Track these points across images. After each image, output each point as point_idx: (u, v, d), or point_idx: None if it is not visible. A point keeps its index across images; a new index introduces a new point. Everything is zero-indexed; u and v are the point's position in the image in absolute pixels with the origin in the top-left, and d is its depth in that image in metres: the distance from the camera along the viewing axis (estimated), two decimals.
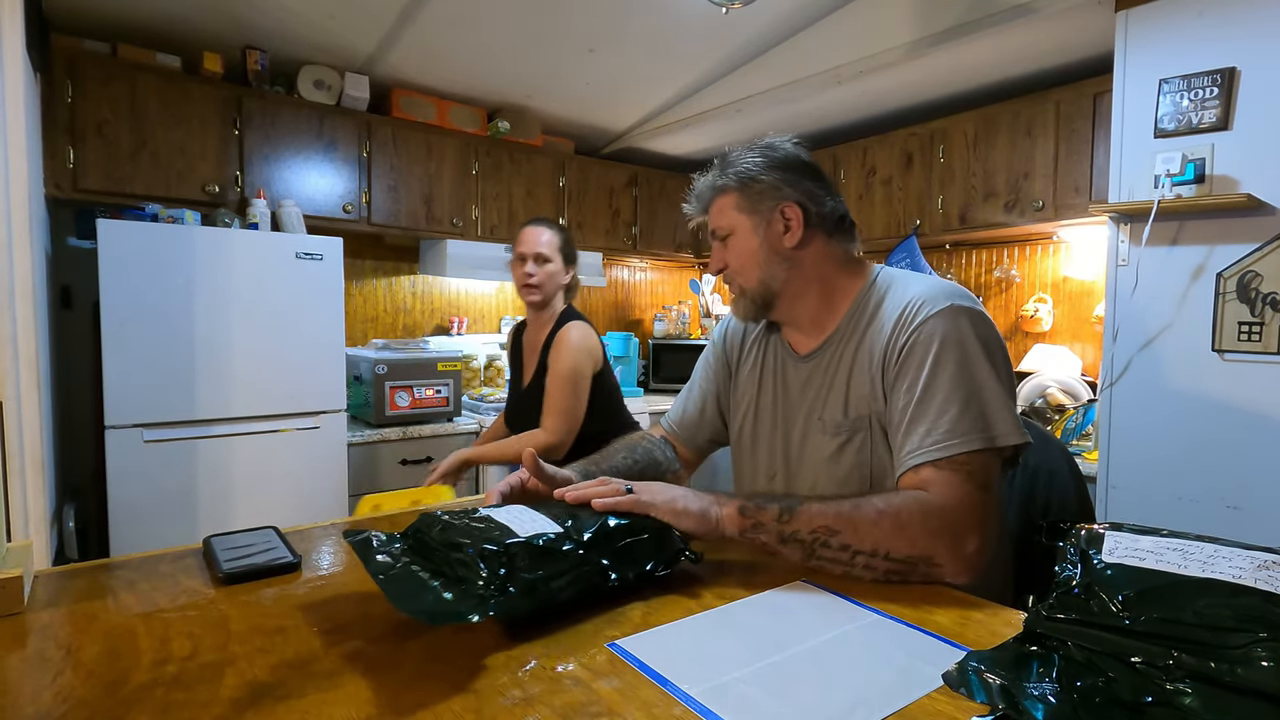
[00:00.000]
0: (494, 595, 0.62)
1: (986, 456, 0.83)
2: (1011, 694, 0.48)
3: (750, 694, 0.54)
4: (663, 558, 0.76)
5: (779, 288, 1.00)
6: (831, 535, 0.78)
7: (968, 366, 0.86)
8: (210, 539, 0.86)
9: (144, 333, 2.23)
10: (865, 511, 0.78)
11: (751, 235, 1.00)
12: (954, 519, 0.79)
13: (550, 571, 0.67)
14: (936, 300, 0.91)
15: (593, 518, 0.75)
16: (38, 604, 0.70)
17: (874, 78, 2.73)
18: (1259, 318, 1.81)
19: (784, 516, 0.79)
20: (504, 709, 0.52)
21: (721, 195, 1.03)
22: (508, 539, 0.67)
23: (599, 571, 0.70)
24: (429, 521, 0.73)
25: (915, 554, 0.77)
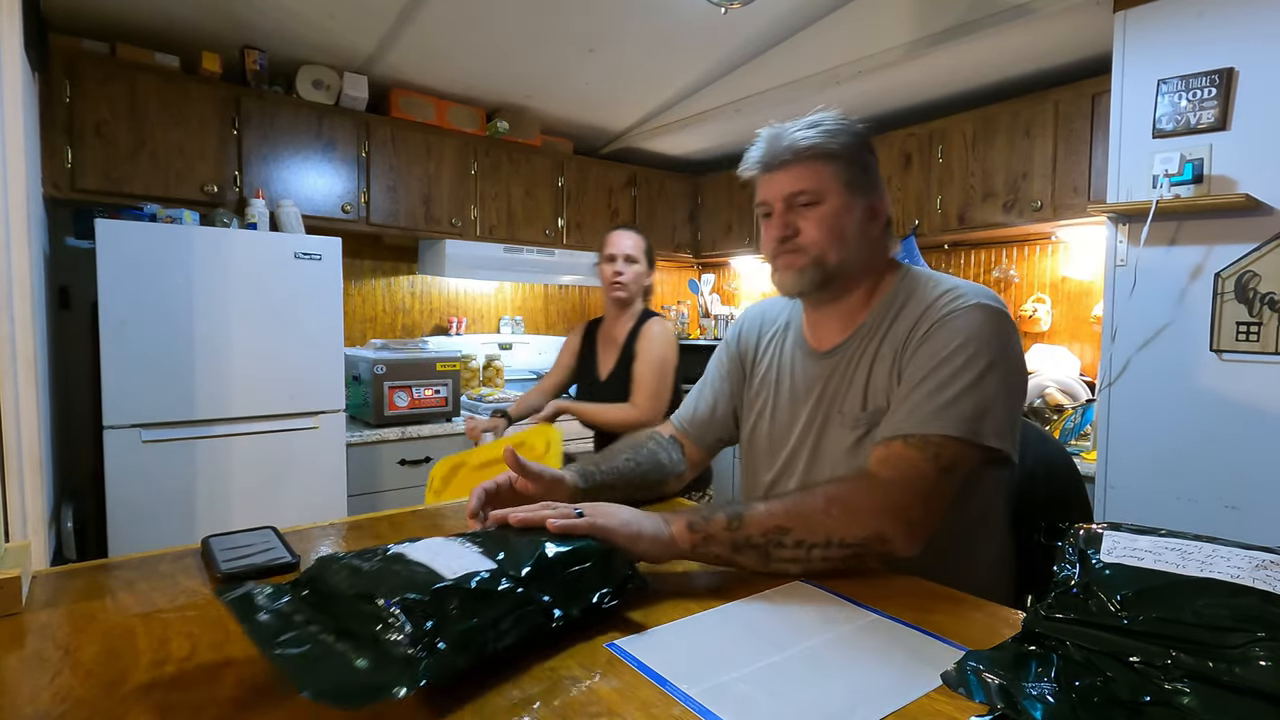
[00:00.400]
0: (422, 656, 0.51)
1: (963, 447, 0.83)
2: (1010, 694, 0.48)
3: (749, 694, 0.54)
4: (610, 586, 0.67)
5: (847, 271, 0.98)
6: (784, 534, 0.76)
7: (977, 362, 0.85)
8: (209, 539, 0.86)
9: (142, 333, 2.22)
10: (814, 502, 0.78)
11: (849, 211, 0.96)
12: (900, 493, 0.79)
13: (486, 618, 0.56)
14: (964, 297, 0.91)
15: (529, 547, 0.65)
16: (36, 604, 0.70)
17: (873, 78, 2.73)
18: (1257, 318, 1.81)
19: (733, 524, 0.77)
20: (503, 709, 0.52)
21: (820, 160, 0.95)
22: (435, 583, 0.57)
23: (542, 611, 0.61)
24: (329, 565, 0.61)
25: (866, 534, 0.77)
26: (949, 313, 0.90)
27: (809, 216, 0.96)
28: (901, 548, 0.78)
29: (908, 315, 0.94)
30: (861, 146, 0.98)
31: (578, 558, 0.66)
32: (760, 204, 1.01)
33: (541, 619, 0.61)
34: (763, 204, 1.00)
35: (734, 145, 3.75)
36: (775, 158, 0.98)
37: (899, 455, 0.83)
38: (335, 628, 0.55)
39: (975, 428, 0.83)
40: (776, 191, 0.98)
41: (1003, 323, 0.89)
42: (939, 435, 0.82)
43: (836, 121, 0.98)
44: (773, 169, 0.98)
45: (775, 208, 0.98)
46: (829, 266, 0.96)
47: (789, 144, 0.96)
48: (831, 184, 0.96)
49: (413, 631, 0.52)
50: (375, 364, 2.74)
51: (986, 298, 0.91)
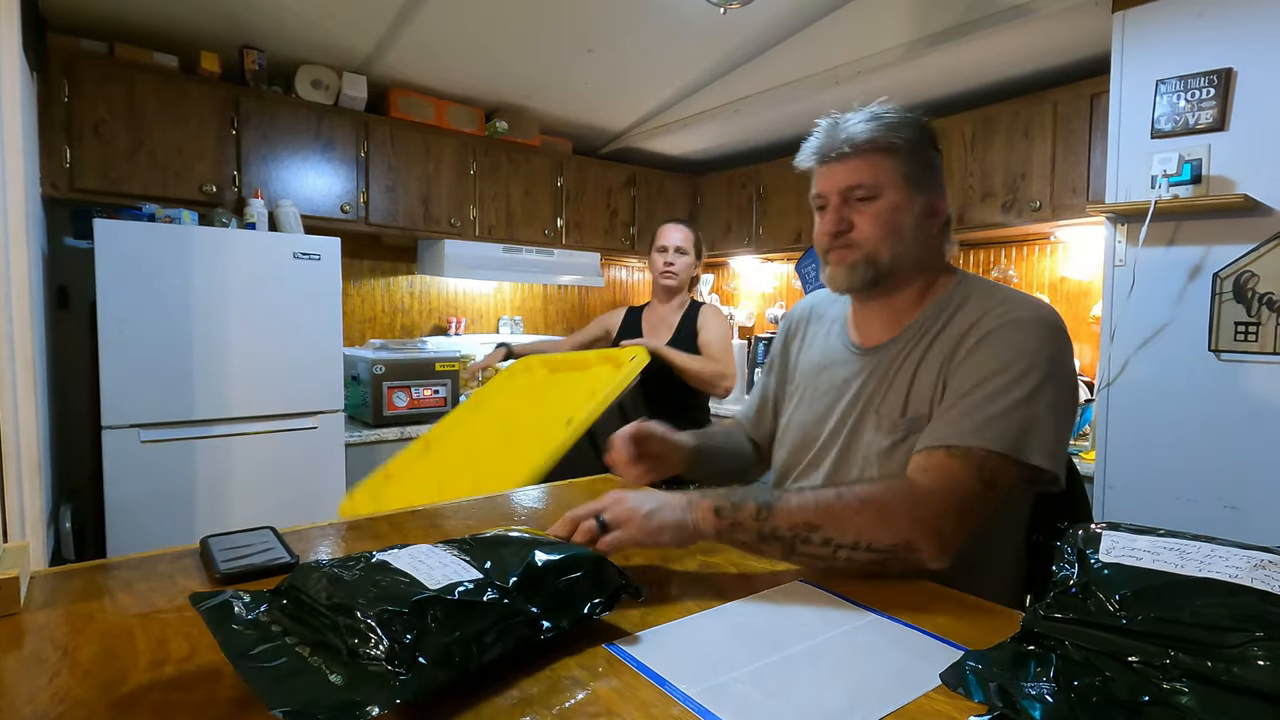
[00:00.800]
0: (399, 672, 0.49)
1: (1006, 463, 0.80)
2: (1009, 693, 0.48)
3: (748, 694, 0.54)
4: (602, 596, 0.64)
5: (901, 270, 0.95)
6: (812, 530, 0.75)
7: (1029, 378, 0.82)
8: (207, 539, 0.86)
9: (141, 333, 2.22)
10: (848, 501, 0.76)
11: (906, 208, 0.93)
12: (938, 504, 0.77)
13: (469, 631, 0.54)
14: (1021, 308, 0.88)
15: (515, 555, 0.64)
16: (34, 605, 0.70)
17: (872, 78, 2.73)
18: (1255, 318, 1.81)
19: (761, 514, 0.76)
20: (502, 709, 0.52)
21: (879, 154, 0.92)
22: (415, 594, 0.55)
23: (528, 623, 0.58)
24: (309, 574, 0.59)
25: (896, 541, 0.75)
26: (1003, 324, 0.87)
27: (864, 212, 0.93)
28: (930, 559, 0.76)
29: (960, 322, 0.91)
30: (924, 141, 0.95)
31: (568, 566, 0.64)
32: (816, 196, 0.98)
33: (529, 631, 0.58)
34: (818, 196, 0.97)
35: (734, 145, 3.74)
36: (833, 149, 0.94)
37: (941, 465, 0.80)
38: (312, 640, 0.53)
39: (1020, 445, 0.80)
40: (833, 184, 0.95)
41: (1059, 339, 0.86)
42: (983, 449, 0.80)
43: (899, 114, 0.94)
44: (830, 161, 0.95)
45: (830, 201, 0.95)
46: (881, 264, 0.94)
47: (847, 136, 0.93)
48: (890, 178, 0.92)
49: (389, 646, 0.50)
50: (374, 364, 2.74)
51: (1044, 311, 0.88)
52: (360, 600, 0.54)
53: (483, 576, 0.59)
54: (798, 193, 3.53)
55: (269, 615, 0.56)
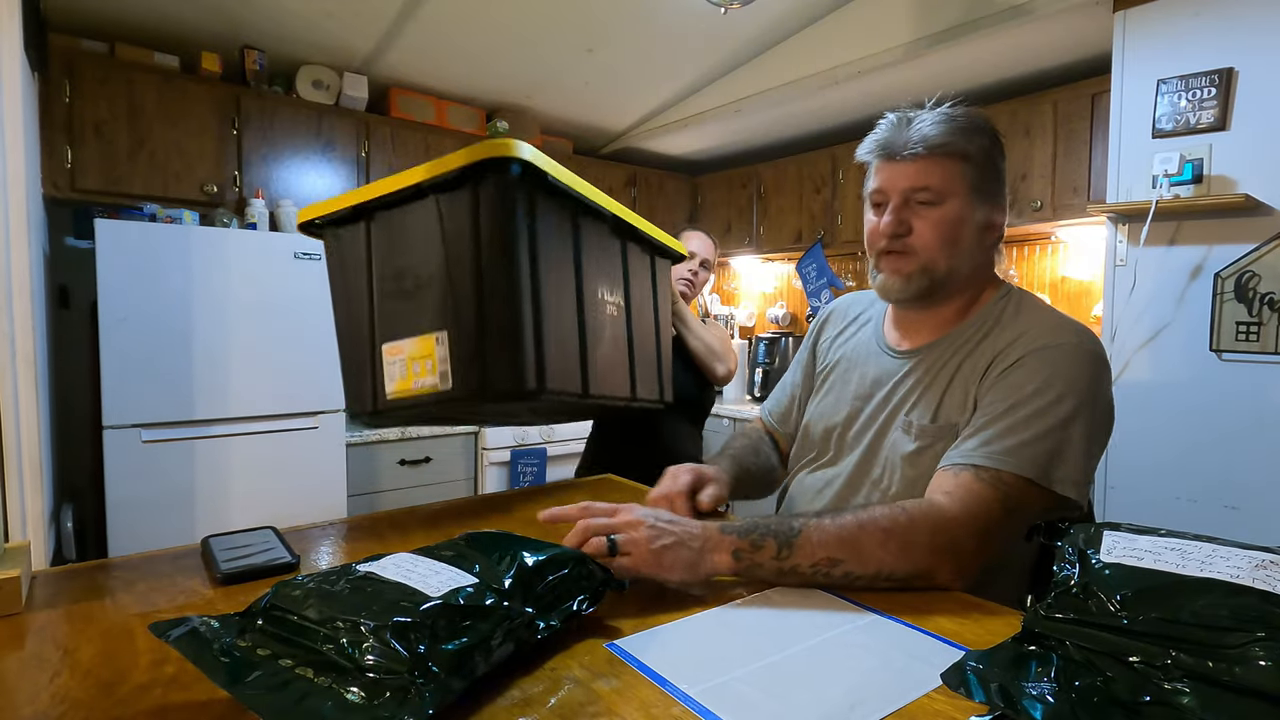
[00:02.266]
0: (421, 682, 0.48)
1: (1032, 490, 0.78)
2: (1010, 693, 0.48)
3: (749, 694, 0.54)
4: (588, 592, 0.64)
5: (954, 282, 0.92)
6: (834, 565, 0.73)
7: (1063, 405, 0.80)
8: (208, 539, 0.86)
9: (142, 333, 2.22)
10: (870, 533, 0.74)
11: (968, 219, 0.90)
12: (961, 532, 0.75)
13: (476, 636, 0.53)
14: (1066, 334, 0.85)
15: (504, 557, 0.63)
16: (35, 604, 0.70)
17: (872, 78, 2.73)
18: (1257, 317, 1.81)
19: (782, 553, 0.73)
20: (502, 708, 0.51)
21: (952, 158, 0.88)
22: (422, 603, 0.53)
23: (526, 624, 0.57)
24: (289, 592, 0.56)
25: (916, 570, 0.74)
26: (1044, 347, 0.84)
27: (926, 216, 0.89)
28: (946, 582, 0.75)
29: (999, 337, 0.89)
30: (996, 151, 0.92)
31: (554, 564, 0.64)
32: (875, 192, 0.93)
33: (526, 632, 0.57)
34: (878, 192, 0.93)
35: (734, 145, 3.74)
36: (902, 147, 0.90)
37: (967, 488, 0.78)
38: (310, 660, 0.50)
39: (1048, 472, 0.78)
40: (896, 183, 0.90)
41: (1098, 368, 0.84)
42: (1011, 474, 0.78)
43: (972, 119, 0.90)
44: (896, 158, 0.90)
45: (891, 200, 0.91)
46: (937, 275, 0.90)
47: (921, 135, 0.88)
48: (958, 186, 0.89)
49: (408, 657, 0.49)
50: None
51: (1086, 339, 0.86)
52: (364, 614, 0.52)
53: (479, 581, 0.58)
54: (798, 193, 3.53)
55: (249, 639, 0.53)
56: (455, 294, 0.94)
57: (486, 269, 0.92)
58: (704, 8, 2.22)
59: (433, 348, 0.97)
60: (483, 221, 0.93)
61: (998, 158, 0.93)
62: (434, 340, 0.97)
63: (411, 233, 0.98)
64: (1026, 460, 0.78)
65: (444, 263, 0.96)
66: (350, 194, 1.03)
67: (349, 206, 1.02)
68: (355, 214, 1.02)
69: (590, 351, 1.06)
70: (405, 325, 0.99)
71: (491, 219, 0.93)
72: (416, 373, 0.99)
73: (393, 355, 1.01)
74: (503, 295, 0.92)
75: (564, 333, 1.01)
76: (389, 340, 1.01)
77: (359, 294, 1.04)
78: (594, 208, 1.08)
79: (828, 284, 3.51)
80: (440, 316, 0.96)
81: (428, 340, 0.97)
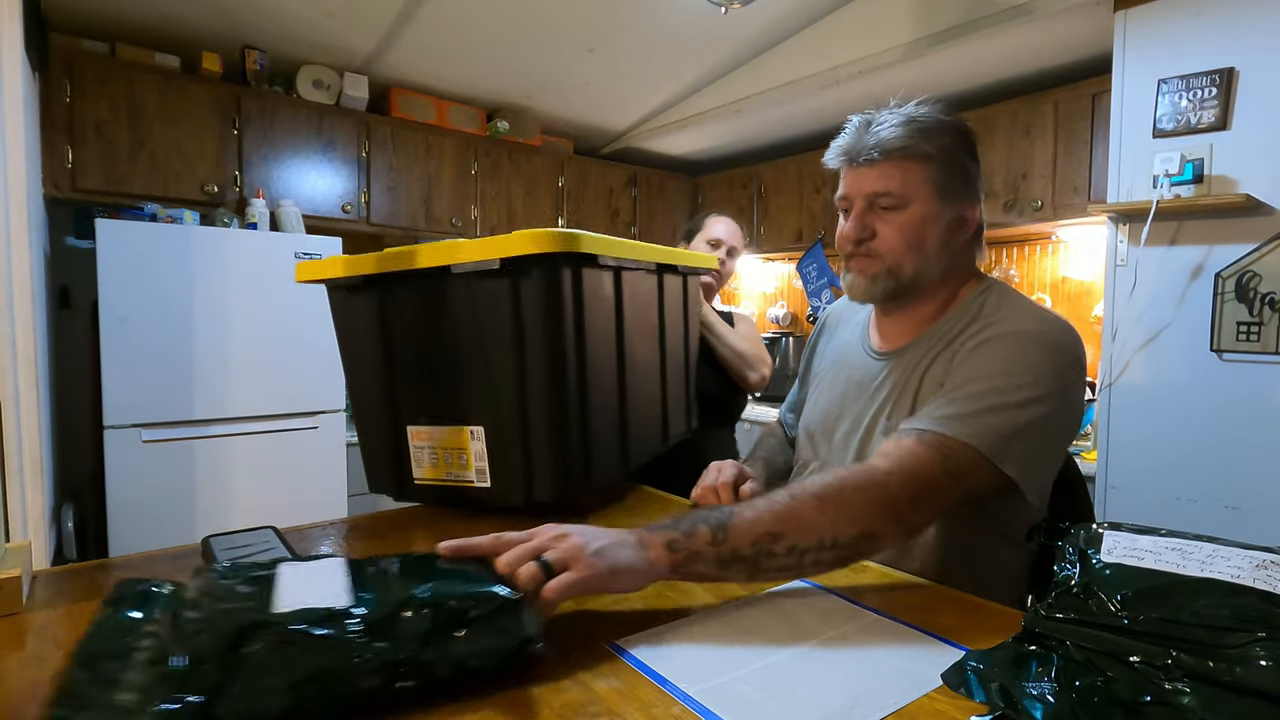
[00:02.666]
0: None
1: (977, 461, 0.76)
2: (1010, 693, 0.48)
3: (749, 694, 0.53)
4: (501, 647, 0.53)
5: (924, 282, 0.91)
6: (775, 540, 0.68)
7: (1025, 390, 0.79)
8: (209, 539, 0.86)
9: (142, 333, 2.22)
10: (804, 501, 0.71)
11: (934, 220, 0.88)
12: (896, 484, 0.73)
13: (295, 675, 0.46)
14: (1040, 324, 0.85)
15: (403, 585, 0.55)
16: (36, 604, 0.70)
17: (872, 78, 2.73)
18: (1257, 317, 1.81)
19: (717, 537, 0.67)
20: (503, 708, 0.51)
21: (912, 160, 0.87)
22: (264, 615, 0.48)
23: (377, 668, 0.48)
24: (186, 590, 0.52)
25: (856, 531, 0.71)
26: (1015, 331, 0.83)
27: (889, 220, 0.89)
28: (891, 542, 0.73)
29: (972, 330, 0.88)
30: (961, 148, 0.90)
31: (461, 609, 0.52)
32: (841, 198, 0.94)
33: (375, 679, 0.48)
34: (843, 198, 0.94)
35: (734, 145, 3.74)
36: (862, 152, 0.89)
37: (905, 449, 0.76)
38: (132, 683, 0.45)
39: (996, 448, 0.76)
40: (858, 188, 0.90)
41: (1071, 366, 0.83)
42: (955, 439, 0.76)
43: (937, 118, 0.89)
44: (858, 163, 0.90)
45: (855, 206, 0.91)
46: (903, 277, 0.90)
47: (878, 140, 0.88)
48: (920, 188, 0.88)
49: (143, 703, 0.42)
50: None
51: (1065, 335, 0.84)
52: (169, 628, 0.47)
53: (339, 611, 0.50)
54: (798, 193, 3.53)
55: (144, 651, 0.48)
56: (493, 386, 0.87)
57: (530, 365, 0.85)
58: (704, 8, 2.22)
59: (467, 441, 0.89)
60: (526, 313, 0.85)
61: (963, 155, 0.91)
62: (468, 434, 0.89)
63: (435, 312, 0.89)
64: (974, 429, 0.76)
65: (480, 350, 0.88)
66: (363, 259, 0.91)
67: (361, 275, 0.91)
68: (368, 282, 0.92)
69: (630, 426, 1.02)
70: (431, 409, 0.91)
71: (537, 311, 0.85)
72: (450, 464, 0.91)
73: (420, 440, 0.92)
74: (549, 395, 0.85)
75: (607, 418, 0.95)
76: (415, 424, 0.92)
77: (373, 365, 0.94)
78: (639, 266, 1.02)
79: (828, 284, 3.51)
80: (473, 407, 0.88)
81: (460, 433, 0.90)
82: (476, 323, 0.87)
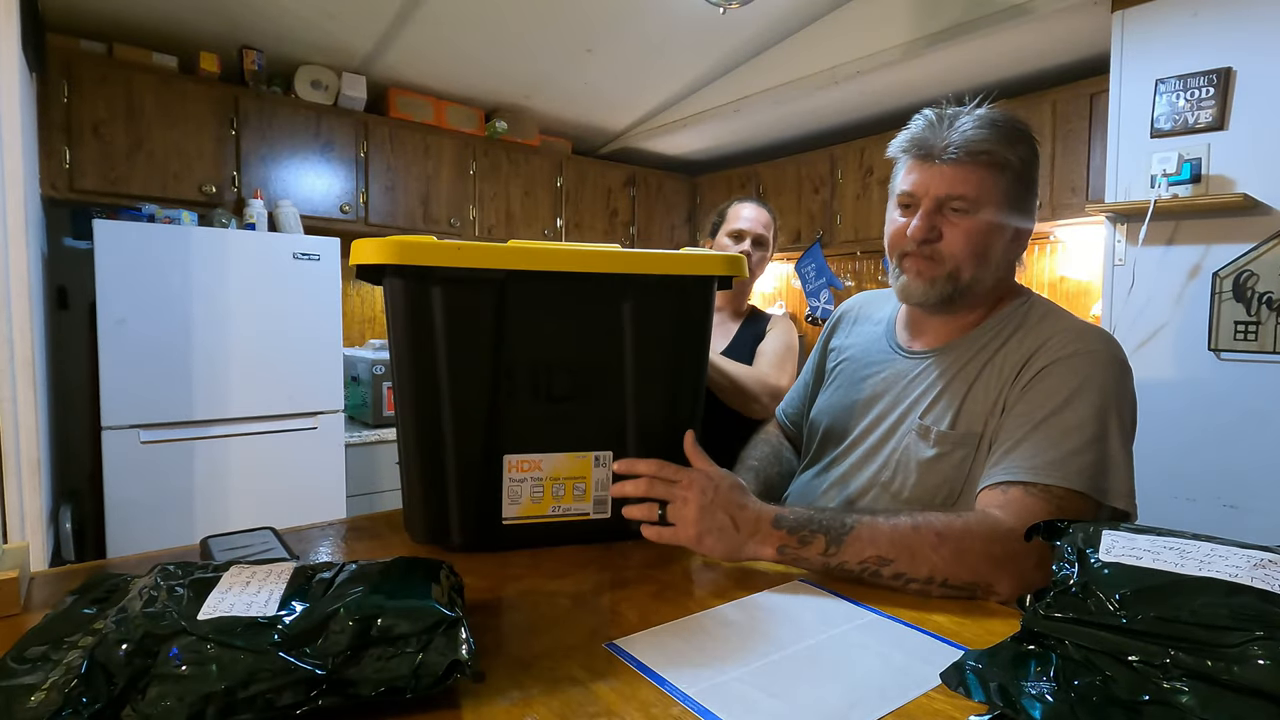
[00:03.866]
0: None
1: (1085, 504, 0.76)
2: (1009, 693, 0.48)
3: (748, 693, 0.54)
4: (427, 669, 0.49)
5: (979, 290, 0.90)
6: (883, 564, 0.71)
7: (1104, 415, 0.78)
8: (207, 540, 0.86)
9: (141, 333, 2.22)
10: (924, 536, 0.71)
11: (1000, 230, 0.87)
12: (1019, 544, 0.71)
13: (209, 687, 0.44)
14: (1093, 341, 0.84)
15: (335, 599, 0.51)
16: (34, 605, 0.70)
17: (871, 78, 2.73)
18: (1255, 317, 1.81)
19: (830, 549, 0.72)
20: (502, 708, 0.51)
21: (990, 168, 0.84)
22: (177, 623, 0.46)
23: (296, 683, 0.45)
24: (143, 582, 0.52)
25: (974, 580, 0.71)
26: (1074, 354, 0.82)
27: (958, 224, 0.86)
28: (1007, 595, 0.72)
29: (1024, 342, 0.87)
30: (1034, 163, 0.89)
31: (389, 625, 0.50)
32: (904, 193, 0.89)
33: (294, 696, 0.45)
34: (908, 194, 0.89)
35: (734, 145, 3.75)
36: (939, 149, 0.85)
37: (1020, 503, 0.75)
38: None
39: (1100, 485, 0.76)
40: (930, 187, 0.86)
41: (1124, 374, 0.83)
42: (1062, 488, 0.75)
43: (1016, 127, 0.87)
44: (932, 160, 0.86)
45: (923, 205, 0.87)
46: (962, 283, 0.88)
47: (961, 139, 0.84)
48: (994, 196, 0.85)
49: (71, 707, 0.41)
50: (374, 364, 2.74)
51: (1114, 346, 0.85)
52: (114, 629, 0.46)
53: (268, 619, 0.48)
54: (797, 193, 3.53)
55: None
56: (640, 407, 0.83)
57: (682, 385, 0.83)
58: (704, 8, 2.22)
59: (589, 469, 0.83)
60: (684, 333, 0.83)
61: (1035, 168, 0.89)
62: (592, 460, 0.83)
63: (567, 322, 0.80)
64: (1074, 473, 0.76)
65: (628, 369, 0.82)
66: (481, 249, 0.75)
67: (484, 268, 0.75)
68: (481, 277, 0.76)
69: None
70: (545, 435, 0.82)
71: (693, 331, 0.84)
72: (559, 497, 0.82)
73: (521, 472, 0.82)
74: (691, 408, 0.84)
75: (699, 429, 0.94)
76: (518, 452, 0.81)
77: (465, 381, 0.78)
78: None
79: (826, 284, 3.51)
80: (600, 431, 0.83)
81: (583, 460, 0.82)
82: (638, 339, 0.82)
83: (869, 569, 0.72)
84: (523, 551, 0.83)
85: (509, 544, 0.83)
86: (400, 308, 0.77)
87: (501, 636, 0.64)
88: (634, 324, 0.82)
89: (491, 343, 0.78)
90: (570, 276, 0.79)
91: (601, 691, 0.54)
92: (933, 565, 0.71)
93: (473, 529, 0.81)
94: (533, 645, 0.61)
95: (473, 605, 0.67)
